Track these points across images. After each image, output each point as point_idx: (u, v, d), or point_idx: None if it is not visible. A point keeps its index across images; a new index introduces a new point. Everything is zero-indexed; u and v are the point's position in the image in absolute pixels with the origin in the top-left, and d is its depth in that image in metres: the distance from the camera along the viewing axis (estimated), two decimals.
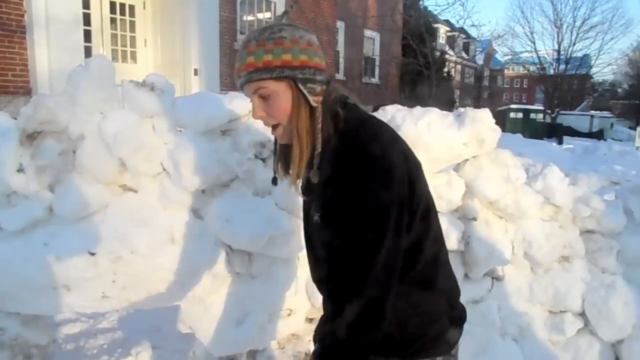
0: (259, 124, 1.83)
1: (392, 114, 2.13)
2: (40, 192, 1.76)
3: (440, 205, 2.18)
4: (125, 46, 7.90)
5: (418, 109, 2.15)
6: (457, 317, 1.16)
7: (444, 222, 2.16)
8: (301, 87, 1.00)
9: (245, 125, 1.87)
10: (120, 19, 7.78)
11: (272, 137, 1.13)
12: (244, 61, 1.01)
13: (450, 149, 2.08)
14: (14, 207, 1.74)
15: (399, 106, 2.19)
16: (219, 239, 1.86)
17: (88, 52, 7.03)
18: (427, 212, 1.06)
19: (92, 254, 1.72)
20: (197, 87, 7.79)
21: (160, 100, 1.77)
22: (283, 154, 1.15)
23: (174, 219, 1.84)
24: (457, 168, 2.24)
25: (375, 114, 2.24)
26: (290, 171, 1.10)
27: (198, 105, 1.80)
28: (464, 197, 2.20)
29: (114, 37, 7.71)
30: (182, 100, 1.84)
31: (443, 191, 2.14)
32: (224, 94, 1.89)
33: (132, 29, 7.98)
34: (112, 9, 7.61)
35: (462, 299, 2.27)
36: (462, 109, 2.20)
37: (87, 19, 6.98)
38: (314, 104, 1.01)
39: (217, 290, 1.90)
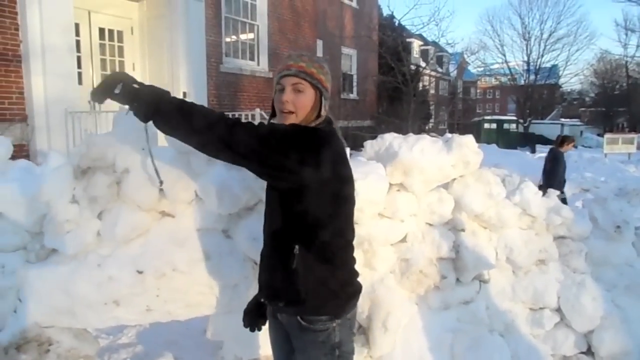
0: None
1: (390, 141, 2.45)
2: (90, 220, 2.01)
3: (433, 218, 2.50)
4: (114, 71, 8.11)
5: (411, 136, 2.48)
6: (353, 291, 1.53)
7: (437, 234, 2.49)
8: (323, 100, 1.51)
9: None
10: (109, 45, 8.00)
11: None
12: (297, 62, 1.48)
13: (441, 170, 2.40)
14: (68, 234, 1.99)
15: (395, 134, 2.51)
16: (247, 255, 2.13)
17: (79, 78, 7.23)
18: (340, 204, 1.47)
19: (140, 272, 1.99)
20: None
21: None
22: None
23: (207, 239, 2.11)
24: (447, 186, 2.56)
25: (372, 141, 2.57)
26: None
27: None
28: (453, 211, 2.52)
29: (102, 62, 7.93)
30: None
31: (435, 207, 2.47)
32: None
33: (121, 54, 8.21)
34: (101, 35, 7.84)
35: (455, 301, 2.62)
36: (449, 135, 2.54)
37: (77, 46, 7.19)
38: (323, 113, 1.51)
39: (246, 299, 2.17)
